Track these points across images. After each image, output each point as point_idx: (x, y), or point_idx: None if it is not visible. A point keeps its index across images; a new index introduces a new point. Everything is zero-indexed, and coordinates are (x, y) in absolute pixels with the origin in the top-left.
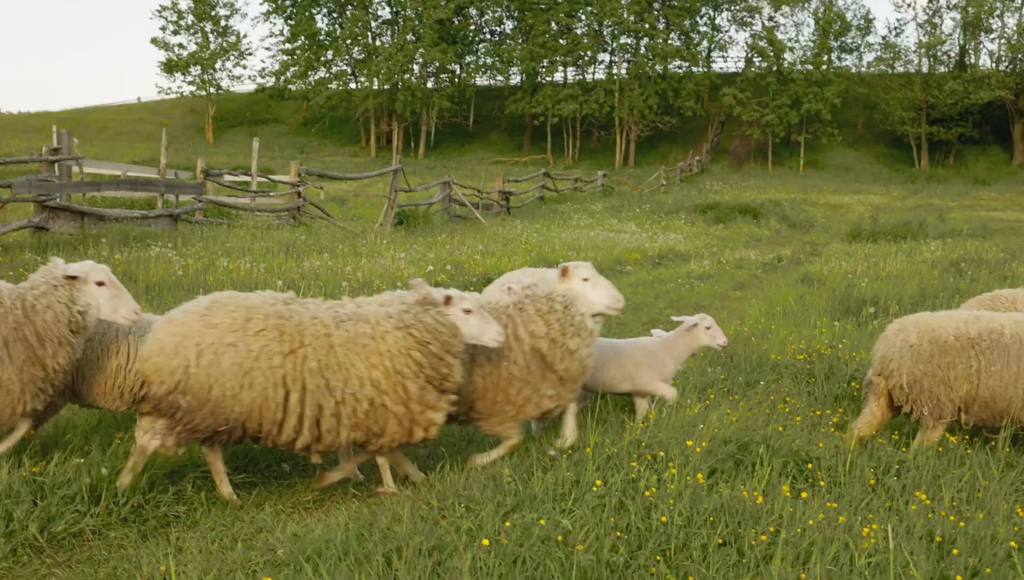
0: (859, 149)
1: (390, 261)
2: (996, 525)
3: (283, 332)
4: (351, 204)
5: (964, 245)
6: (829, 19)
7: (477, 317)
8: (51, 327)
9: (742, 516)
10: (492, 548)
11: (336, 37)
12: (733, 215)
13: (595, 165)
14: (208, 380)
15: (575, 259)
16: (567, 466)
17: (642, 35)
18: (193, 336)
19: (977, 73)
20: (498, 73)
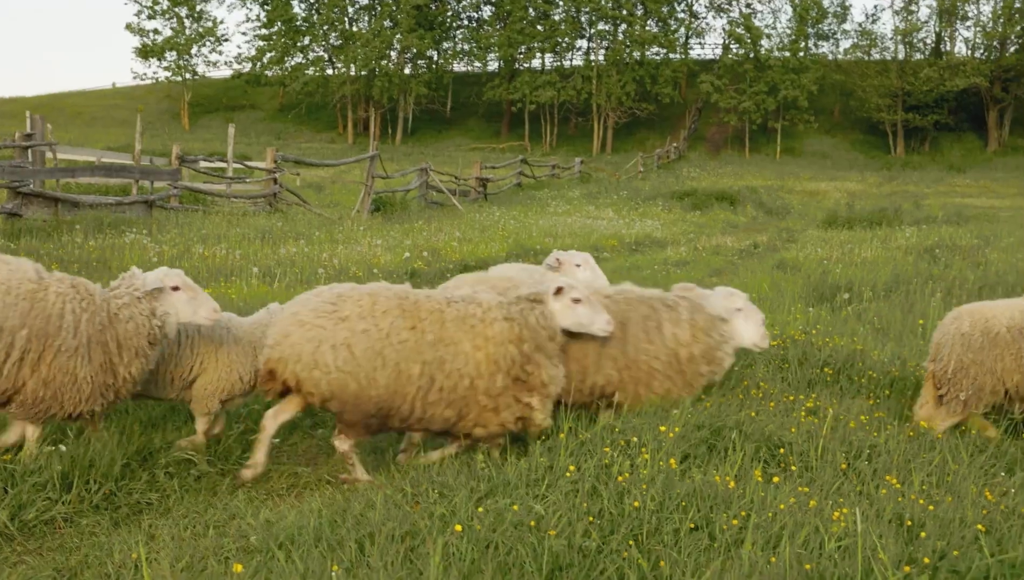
0: (835, 136)
1: (367, 248)
2: (965, 508)
3: (404, 310)
4: (328, 190)
5: (939, 231)
6: (806, 6)
7: (587, 306)
8: (131, 338)
9: (714, 501)
10: (465, 534)
11: (313, 23)
12: (710, 202)
13: (573, 152)
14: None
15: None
16: (540, 452)
17: (619, 21)
18: (327, 339)
19: (952, 60)
20: (476, 59)
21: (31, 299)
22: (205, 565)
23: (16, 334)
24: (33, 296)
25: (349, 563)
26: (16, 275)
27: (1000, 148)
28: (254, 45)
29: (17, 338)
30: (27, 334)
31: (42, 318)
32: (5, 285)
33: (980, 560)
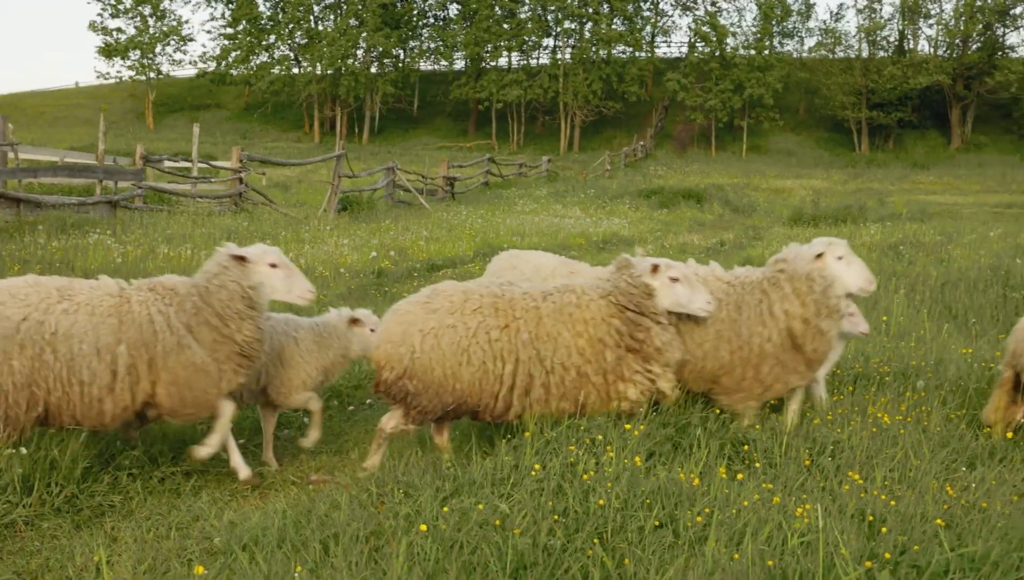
0: (800, 134)
1: (333, 247)
2: (926, 503)
3: (497, 308)
4: (294, 190)
5: (903, 228)
6: (771, 4)
7: (685, 285)
8: (227, 304)
9: (679, 498)
10: (430, 533)
11: (278, 21)
12: (677, 200)
13: (540, 150)
14: (431, 363)
15: (518, 245)
16: (506, 451)
17: (586, 20)
18: (416, 323)
19: (916, 58)
20: (442, 58)
21: (117, 314)
22: (168, 567)
23: (115, 350)
24: (118, 310)
25: (313, 564)
26: (97, 294)
27: (963, 145)
28: (219, 44)
29: (118, 354)
30: (126, 348)
31: (134, 328)
32: (89, 306)
33: (940, 554)
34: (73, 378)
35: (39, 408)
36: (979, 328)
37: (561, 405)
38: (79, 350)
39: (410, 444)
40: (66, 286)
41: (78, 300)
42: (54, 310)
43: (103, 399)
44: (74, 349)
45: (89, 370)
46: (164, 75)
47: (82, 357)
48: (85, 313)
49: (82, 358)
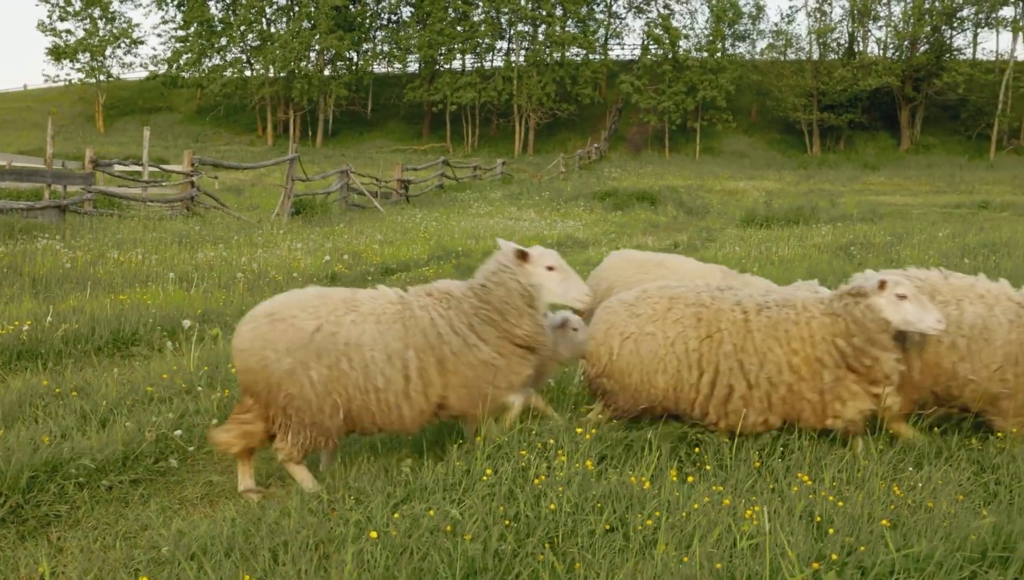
0: (753, 135)
1: (286, 251)
2: (873, 504)
3: (700, 319)
4: (247, 194)
5: (854, 229)
6: (723, 7)
7: (914, 303)
8: (506, 300)
9: (629, 501)
10: (380, 540)
11: (230, 23)
12: (631, 202)
13: (495, 153)
14: (628, 367)
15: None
16: (458, 456)
17: (539, 23)
18: (618, 326)
19: (865, 60)
20: (396, 61)
21: (401, 320)
22: (114, 578)
23: (404, 355)
24: (402, 316)
25: (262, 573)
26: (380, 302)
27: (912, 146)
28: (170, 46)
29: (407, 359)
30: (414, 353)
31: (419, 333)
32: (375, 315)
33: (885, 555)
34: (369, 385)
35: (341, 415)
36: None
37: (769, 419)
38: (371, 358)
39: (362, 450)
40: (350, 297)
41: (363, 310)
42: (343, 321)
43: (400, 404)
44: (366, 357)
45: (383, 376)
46: (114, 78)
47: (375, 364)
48: (372, 322)
49: (375, 365)
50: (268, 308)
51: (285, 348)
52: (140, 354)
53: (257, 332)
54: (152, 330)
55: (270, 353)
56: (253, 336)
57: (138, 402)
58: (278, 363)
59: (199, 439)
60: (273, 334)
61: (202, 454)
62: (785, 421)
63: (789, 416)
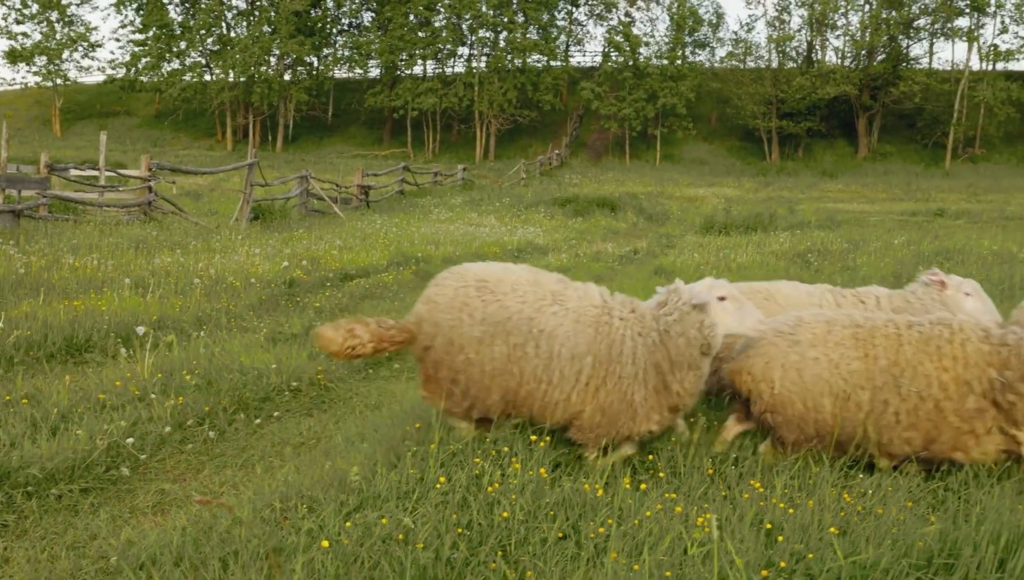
0: (713, 143)
1: (244, 257)
2: (823, 511)
3: (858, 338)
4: (206, 199)
5: (811, 236)
6: (683, 15)
7: None
8: (683, 352)
9: (582, 509)
10: (331, 549)
11: (189, 28)
12: (591, 208)
13: (456, 159)
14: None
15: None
16: (412, 463)
17: (500, 29)
18: (778, 357)
19: (824, 69)
20: (357, 66)
21: (595, 325)
22: None
23: (583, 360)
24: (598, 322)
25: None
26: (584, 302)
27: (870, 154)
28: (128, 50)
29: (584, 365)
30: (592, 361)
31: (606, 345)
32: (576, 313)
33: (833, 562)
34: (544, 376)
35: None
36: None
37: (909, 435)
38: (558, 351)
39: (316, 459)
40: (559, 289)
41: (568, 305)
42: (545, 310)
43: (558, 403)
44: (554, 349)
45: (560, 373)
46: (72, 81)
47: (558, 359)
48: (571, 318)
49: (557, 360)
50: (480, 274)
51: (481, 317)
52: (93, 361)
53: (461, 293)
54: (106, 336)
55: (466, 316)
56: (455, 295)
57: (90, 410)
58: (471, 328)
59: (152, 447)
60: (476, 301)
61: (154, 462)
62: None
63: (929, 436)
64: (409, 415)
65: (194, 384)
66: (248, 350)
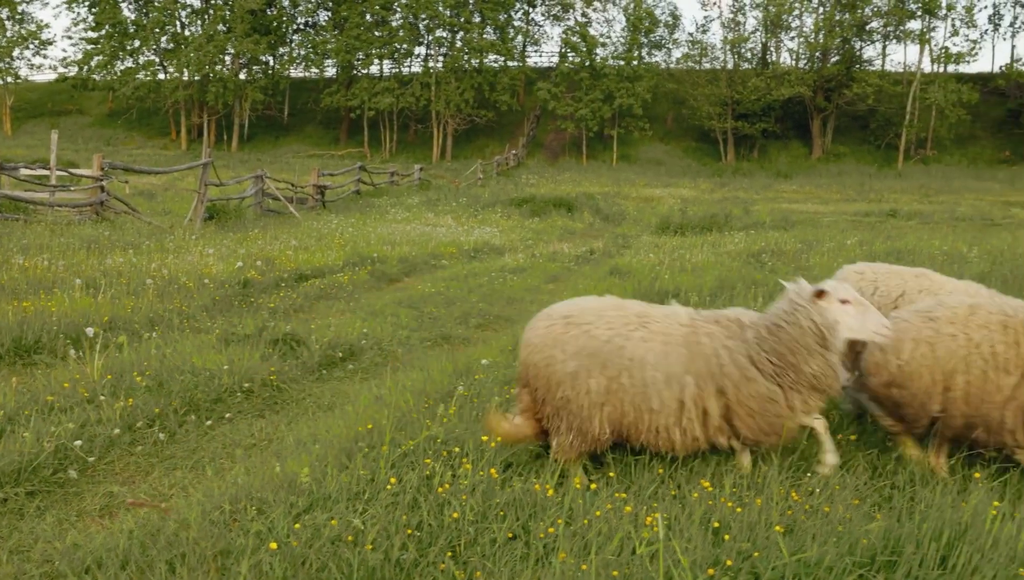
0: (669, 143)
1: (198, 257)
2: (771, 510)
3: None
4: (160, 199)
5: (766, 236)
6: (639, 16)
7: None
8: (797, 339)
9: (533, 509)
10: (280, 551)
11: (143, 26)
12: (548, 208)
13: (412, 159)
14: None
15: (388, 254)
16: (363, 464)
17: (457, 29)
18: (910, 331)
19: (778, 70)
20: (313, 65)
21: (686, 344)
22: None
23: (682, 380)
24: (687, 340)
25: None
26: (671, 322)
27: (823, 155)
28: (81, 48)
29: (684, 384)
30: (692, 379)
31: (701, 360)
32: (664, 335)
33: (779, 560)
34: (643, 404)
35: (609, 427)
36: None
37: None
38: (652, 377)
39: (267, 460)
40: (644, 312)
41: (654, 328)
42: (633, 336)
43: (670, 429)
44: (647, 376)
45: (658, 398)
46: (23, 80)
47: (653, 385)
48: (659, 341)
49: (653, 386)
50: (566, 310)
51: (573, 351)
52: (42, 362)
53: (551, 331)
54: (55, 338)
55: (558, 353)
56: (546, 333)
57: (37, 412)
58: (563, 364)
59: (100, 449)
60: (565, 336)
61: (103, 465)
62: None
63: None
64: (362, 416)
65: (145, 385)
66: (200, 351)
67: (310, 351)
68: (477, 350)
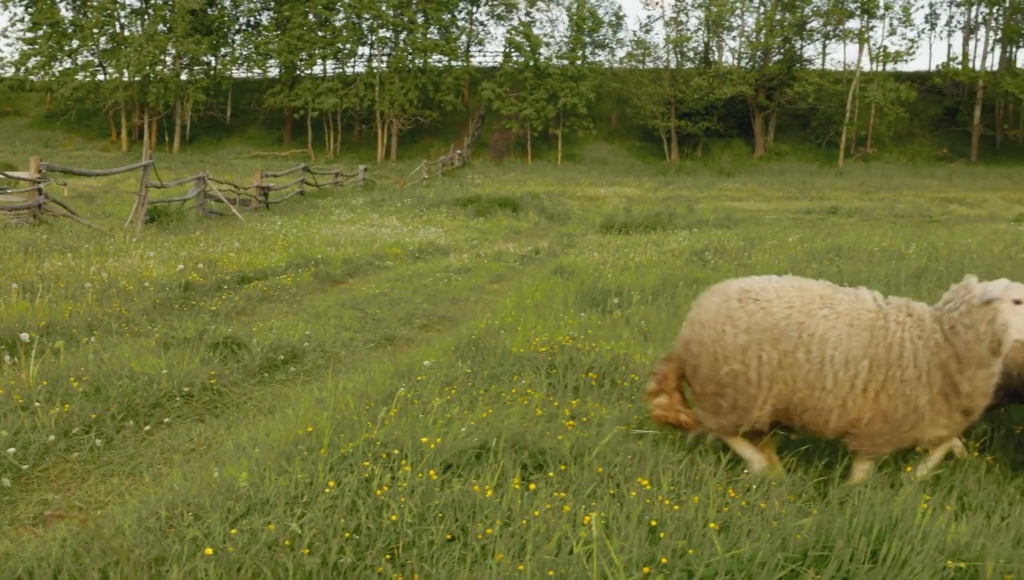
0: (614, 142)
1: (139, 260)
2: (707, 507)
3: None
4: (100, 201)
5: (709, 234)
6: (582, 15)
7: None
8: (971, 347)
9: (472, 510)
10: (215, 557)
11: (81, 26)
12: (493, 208)
13: (357, 159)
14: None
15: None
16: (301, 467)
17: (401, 29)
18: None
19: (720, 69)
20: (256, 65)
21: (871, 329)
22: None
23: (858, 364)
24: (873, 325)
25: None
26: (857, 306)
27: (766, 153)
28: (17, 49)
29: (859, 369)
30: (868, 365)
31: (883, 348)
32: (850, 317)
33: (713, 557)
34: (818, 382)
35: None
36: None
37: None
38: (831, 356)
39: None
40: (829, 294)
41: (839, 309)
42: (815, 314)
43: (832, 410)
44: (826, 354)
45: (833, 378)
46: None
47: (831, 363)
48: (844, 322)
49: (830, 365)
50: (742, 286)
51: (745, 326)
52: None
53: (724, 307)
54: None
55: (729, 327)
56: (718, 310)
57: None
58: (734, 338)
59: (35, 457)
60: (739, 311)
61: (37, 472)
62: None
63: None
64: (302, 419)
65: (82, 391)
66: (139, 355)
67: (251, 354)
68: (420, 351)
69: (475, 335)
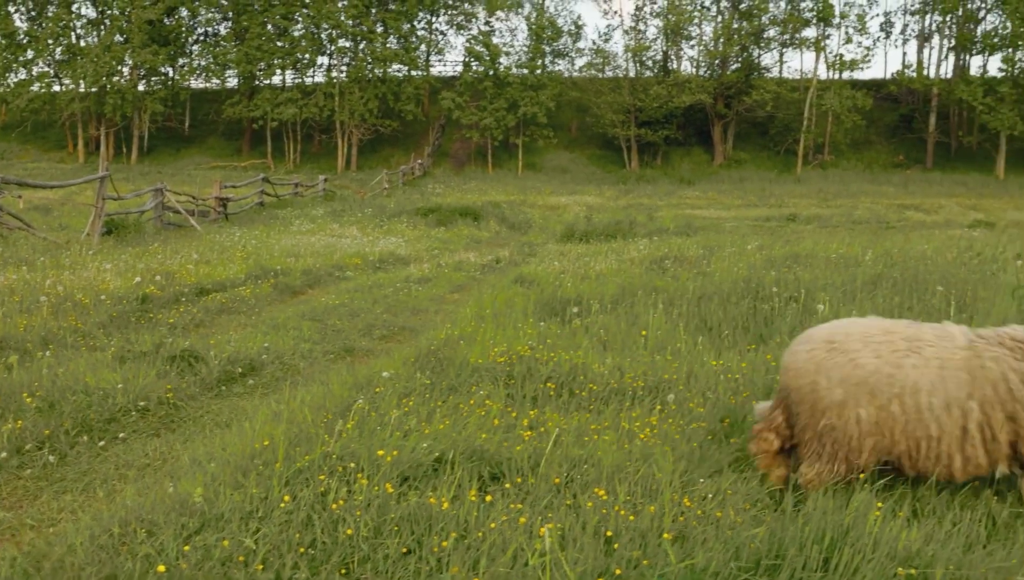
0: (574, 151)
1: (95, 273)
2: (663, 517)
3: None
4: (56, 213)
5: (669, 242)
6: (542, 24)
7: None
8: None
9: (428, 523)
10: (168, 574)
11: (36, 36)
12: (454, 218)
13: (317, 169)
14: None
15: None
16: (256, 482)
17: (360, 38)
18: None
19: (679, 78)
20: (214, 76)
21: (967, 368)
22: None
23: (965, 406)
24: (969, 365)
25: None
26: (947, 346)
27: (725, 161)
28: None
29: (968, 409)
30: (977, 405)
31: (988, 385)
32: (940, 360)
33: (666, 567)
34: (920, 432)
35: (875, 456)
36: (731, 339)
37: None
38: (928, 403)
39: (160, 481)
40: (914, 335)
41: (927, 354)
42: (904, 364)
43: (952, 455)
44: (922, 402)
45: (937, 425)
46: None
47: (930, 411)
48: (935, 367)
49: (930, 412)
50: (828, 334)
51: (839, 379)
52: None
53: (813, 356)
54: None
55: (822, 380)
56: (808, 358)
57: None
58: (829, 392)
59: None
60: (829, 362)
61: None
62: None
63: None
64: (259, 433)
65: (35, 406)
66: (94, 369)
67: (209, 367)
68: (379, 362)
69: (434, 346)
